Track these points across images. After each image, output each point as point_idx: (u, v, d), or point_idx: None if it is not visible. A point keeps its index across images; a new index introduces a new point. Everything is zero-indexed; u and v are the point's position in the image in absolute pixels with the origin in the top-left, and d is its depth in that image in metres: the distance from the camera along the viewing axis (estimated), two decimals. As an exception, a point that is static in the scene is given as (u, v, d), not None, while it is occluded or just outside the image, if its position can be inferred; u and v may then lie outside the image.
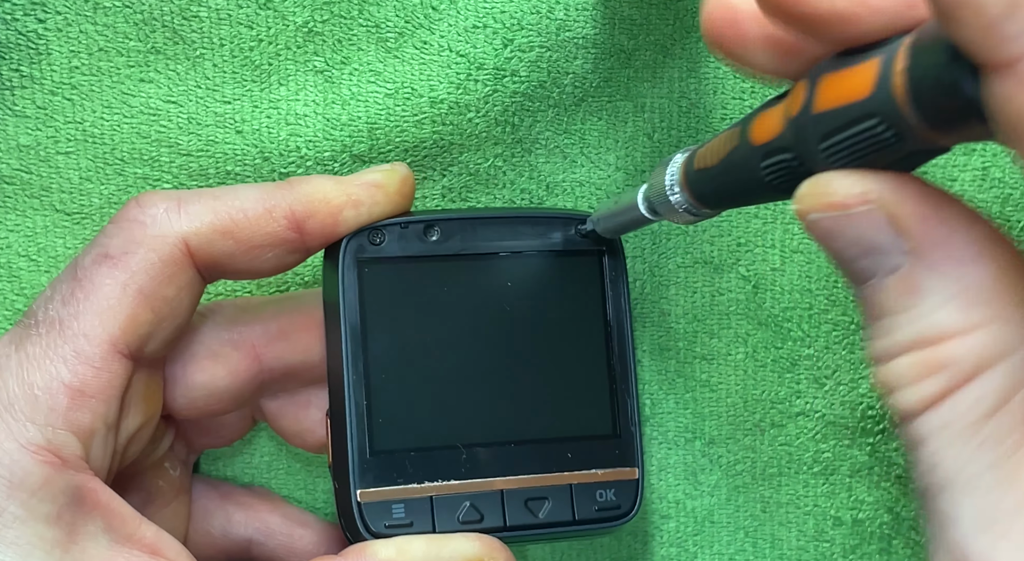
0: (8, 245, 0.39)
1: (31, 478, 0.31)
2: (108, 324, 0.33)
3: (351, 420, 0.35)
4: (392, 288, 0.36)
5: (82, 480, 0.32)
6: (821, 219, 0.24)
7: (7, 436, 0.31)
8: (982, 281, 0.22)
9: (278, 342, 0.37)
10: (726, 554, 0.43)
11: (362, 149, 0.39)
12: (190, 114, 0.39)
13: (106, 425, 0.33)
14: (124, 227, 0.33)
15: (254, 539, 0.40)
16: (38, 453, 0.31)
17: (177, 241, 0.33)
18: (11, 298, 0.39)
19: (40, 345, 0.32)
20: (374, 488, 0.35)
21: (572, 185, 0.41)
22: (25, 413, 0.32)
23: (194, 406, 0.37)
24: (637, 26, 0.40)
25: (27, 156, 0.39)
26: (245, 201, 0.34)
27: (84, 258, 0.33)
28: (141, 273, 0.33)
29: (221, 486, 0.41)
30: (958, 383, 0.22)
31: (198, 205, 0.34)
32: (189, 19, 0.38)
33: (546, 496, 0.36)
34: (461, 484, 0.35)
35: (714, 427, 0.43)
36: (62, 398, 0.32)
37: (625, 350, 0.37)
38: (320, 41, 0.39)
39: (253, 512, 0.40)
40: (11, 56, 0.38)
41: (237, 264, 0.34)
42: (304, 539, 0.40)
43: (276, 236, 0.34)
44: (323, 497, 0.42)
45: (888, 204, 0.23)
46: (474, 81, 0.39)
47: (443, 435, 0.36)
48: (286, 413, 0.39)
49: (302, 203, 0.34)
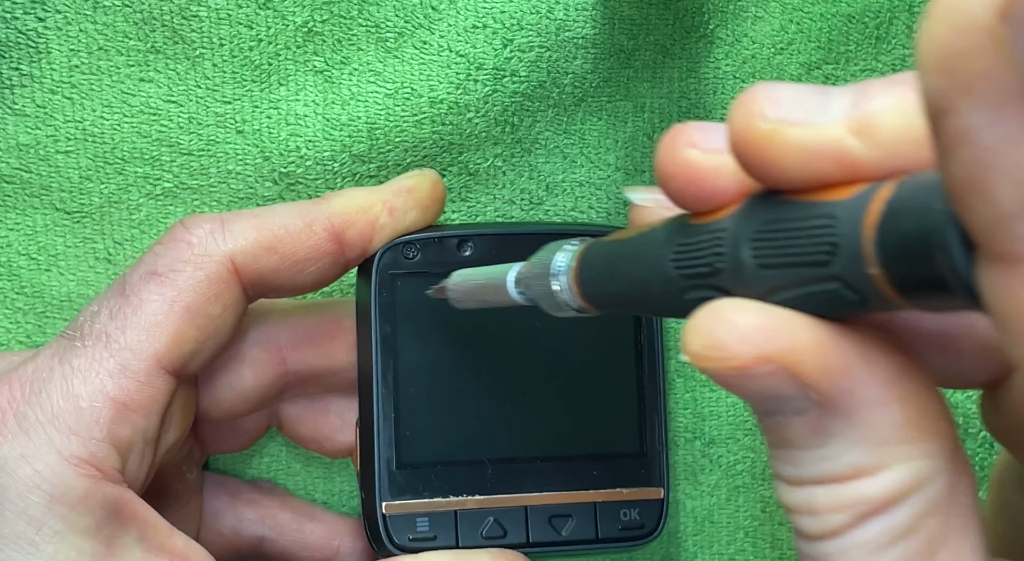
0: (8, 244, 0.39)
1: (72, 491, 0.31)
2: (154, 339, 0.33)
3: (379, 432, 0.35)
4: (424, 302, 0.36)
5: (119, 492, 0.32)
6: (715, 373, 0.22)
7: (49, 448, 0.31)
8: (891, 421, 0.21)
9: (305, 345, 0.37)
10: (726, 554, 0.43)
11: (362, 149, 0.39)
12: (190, 114, 0.39)
13: (144, 440, 0.33)
14: (171, 246, 0.34)
15: (265, 536, 0.40)
16: (79, 466, 0.31)
17: (223, 259, 0.34)
18: (11, 296, 0.40)
19: (86, 358, 0.32)
20: (399, 501, 0.35)
21: (572, 185, 0.41)
22: (68, 425, 0.32)
23: (219, 407, 0.37)
24: (637, 26, 0.40)
25: (27, 155, 0.39)
26: (285, 217, 0.35)
27: (132, 275, 0.34)
28: (188, 291, 0.33)
29: (229, 483, 0.41)
30: (865, 517, 0.22)
31: (241, 224, 0.34)
32: (189, 19, 0.38)
33: (570, 514, 0.36)
34: (486, 499, 0.35)
35: (714, 427, 0.43)
36: (106, 411, 0.32)
37: (655, 369, 0.37)
38: (320, 41, 0.39)
39: (263, 509, 0.40)
40: (11, 55, 0.38)
41: (281, 279, 0.35)
42: (315, 533, 0.40)
43: (318, 248, 0.34)
44: (323, 497, 0.42)
45: (791, 362, 0.21)
46: (474, 81, 0.39)
47: (469, 450, 0.36)
48: (305, 419, 0.39)
49: (340, 215, 0.35)
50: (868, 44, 0.42)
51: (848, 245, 0.20)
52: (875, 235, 0.19)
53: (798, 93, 0.21)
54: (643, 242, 0.25)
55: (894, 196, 0.19)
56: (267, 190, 0.39)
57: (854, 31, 0.41)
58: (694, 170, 0.23)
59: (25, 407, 0.32)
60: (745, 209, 0.22)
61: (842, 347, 0.21)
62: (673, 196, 0.23)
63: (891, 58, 0.42)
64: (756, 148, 0.21)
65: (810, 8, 0.41)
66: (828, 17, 0.41)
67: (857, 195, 0.20)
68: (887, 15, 0.42)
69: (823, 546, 0.22)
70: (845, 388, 0.21)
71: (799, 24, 0.41)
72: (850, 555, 0.22)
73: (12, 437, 0.31)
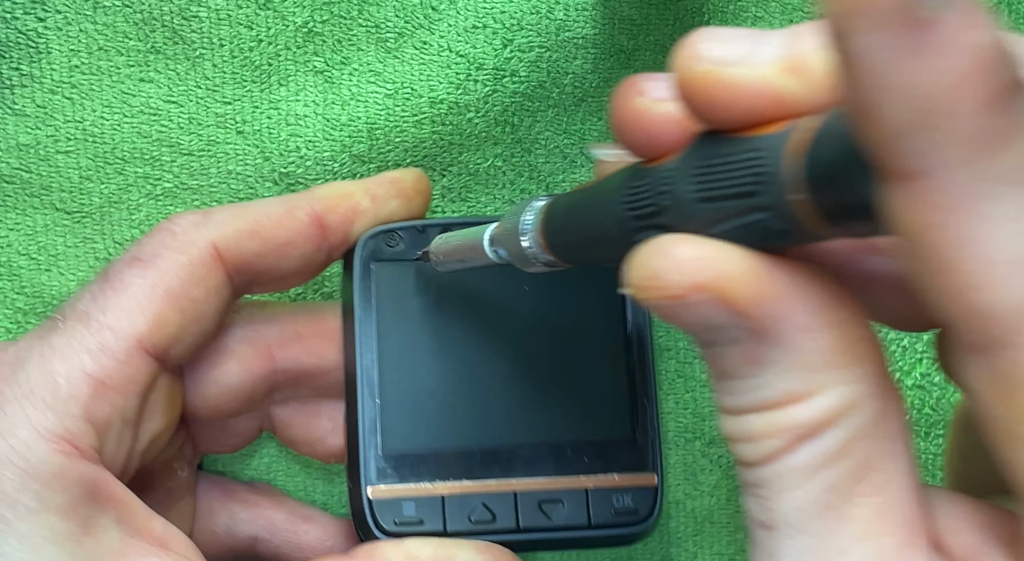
0: (8, 244, 0.39)
1: (46, 467, 0.31)
2: (135, 320, 0.33)
3: (363, 419, 0.35)
4: (407, 290, 0.36)
5: (95, 471, 0.32)
6: (654, 303, 0.23)
7: (24, 424, 0.31)
8: (821, 348, 0.22)
9: (293, 344, 0.37)
10: (726, 554, 0.43)
11: (362, 149, 0.39)
12: (191, 114, 0.39)
13: (123, 420, 0.33)
14: (155, 236, 0.34)
15: (259, 536, 0.40)
16: (55, 442, 0.31)
17: (206, 244, 0.34)
18: (11, 296, 0.40)
19: (65, 336, 0.32)
20: (385, 485, 0.35)
21: (572, 185, 0.41)
22: (45, 401, 0.31)
23: (206, 404, 0.37)
24: (637, 26, 0.40)
25: (27, 155, 0.39)
26: (267, 205, 0.35)
27: (116, 263, 0.34)
28: (170, 273, 0.33)
29: (224, 483, 0.41)
30: (798, 440, 0.23)
31: (223, 214, 0.35)
32: (189, 19, 0.38)
33: (561, 499, 0.35)
34: (474, 485, 0.35)
35: (714, 427, 0.43)
36: (83, 387, 0.32)
37: (645, 355, 0.37)
38: (320, 41, 0.39)
39: (257, 509, 0.40)
40: (11, 55, 0.38)
41: (265, 264, 0.35)
42: (309, 534, 0.40)
43: (300, 232, 0.35)
44: (321, 498, 0.42)
45: (723, 291, 0.22)
46: (474, 81, 0.39)
47: (457, 436, 0.35)
48: (296, 422, 0.39)
49: (321, 200, 0.35)
50: (868, 44, 0.42)
51: (772, 174, 0.21)
52: (797, 163, 0.20)
53: (735, 35, 0.22)
54: (599, 190, 0.26)
55: (817, 127, 0.20)
56: (267, 190, 0.39)
57: (854, 31, 0.41)
58: (643, 117, 0.24)
59: (3, 385, 0.32)
60: (688, 150, 0.23)
61: (773, 276, 0.22)
62: (627, 145, 0.25)
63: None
64: (696, 89, 0.22)
65: (810, 8, 0.41)
66: (828, 17, 0.41)
67: (785, 129, 0.21)
68: (887, 15, 0.42)
69: (760, 472, 0.23)
70: (775, 315, 0.22)
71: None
72: (785, 479, 0.23)
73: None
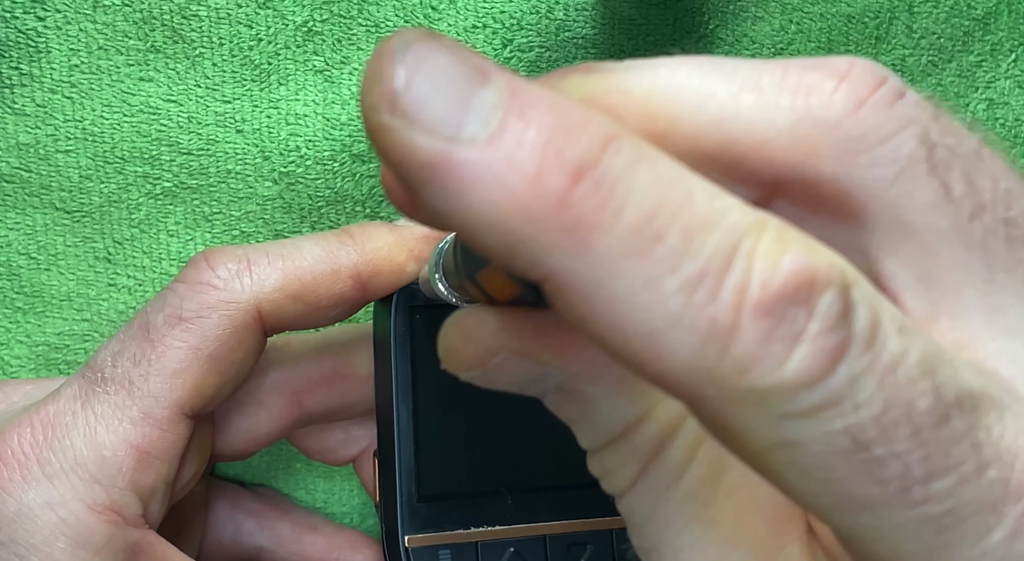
0: (8, 243, 0.39)
1: (96, 538, 0.32)
2: (177, 387, 0.33)
3: (400, 466, 0.35)
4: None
5: (140, 535, 0.33)
6: (467, 376, 0.23)
7: (73, 497, 0.32)
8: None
9: (320, 388, 0.38)
10: (725, 553, 0.43)
11: (362, 149, 0.39)
12: (190, 113, 0.39)
13: (166, 484, 0.34)
14: (197, 290, 0.34)
15: (265, 547, 0.40)
16: (103, 513, 0.32)
17: (250, 307, 0.34)
18: (11, 296, 0.40)
19: (109, 404, 0.33)
20: (421, 534, 0.35)
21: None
22: (92, 474, 0.32)
23: (234, 449, 0.37)
24: (637, 26, 0.40)
25: (27, 154, 0.39)
26: (311, 260, 0.34)
27: (155, 317, 0.34)
28: (214, 339, 0.33)
29: (230, 491, 0.41)
30: (648, 462, 0.23)
31: (267, 266, 0.34)
32: (188, 18, 0.38)
33: (588, 541, 0.36)
34: (506, 530, 0.36)
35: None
36: (129, 460, 0.32)
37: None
38: (320, 41, 0.39)
39: (263, 520, 0.40)
40: (10, 54, 0.38)
41: (302, 323, 0.35)
42: (315, 545, 0.41)
43: (342, 296, 0.35)
44: (322, 496, 0.42)
45: (517, 349, 0.22)
46: (474, 81, 0.39)
47: (489, 480, 0.36)
48: (309, 432, 0.39)
49: (367, 263, 0.35)
50: (868, 44, 0.42)
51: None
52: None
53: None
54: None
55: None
56: (267, 190, 0.39)
57: (854, 31, 0.41)
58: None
59: (48, 452, 0.32)
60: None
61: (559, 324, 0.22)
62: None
63: (891, 58, 0.42)
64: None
65: (810, 8, 0.41)
66: (828, 17, 0.41)
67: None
68: (887, 15, 0.42)
69: (627, 501, 0.24)
70: (582, 358, 0.23)
71: (799, 24, 0.41)
72: (647, 502, 0.24)
73: (36, 484, 0.32)
